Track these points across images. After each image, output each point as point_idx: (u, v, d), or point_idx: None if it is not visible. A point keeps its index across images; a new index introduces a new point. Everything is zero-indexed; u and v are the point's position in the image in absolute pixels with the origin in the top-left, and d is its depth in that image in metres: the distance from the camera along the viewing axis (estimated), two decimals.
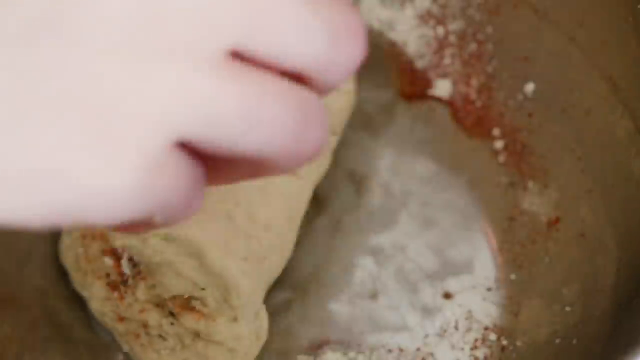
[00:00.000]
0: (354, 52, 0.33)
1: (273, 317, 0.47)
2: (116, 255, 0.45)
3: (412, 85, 0.53)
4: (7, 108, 0.27)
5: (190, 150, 0.30)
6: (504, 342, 0.47)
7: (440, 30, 0.53)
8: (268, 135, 0.30)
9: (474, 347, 0.47)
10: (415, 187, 0.51)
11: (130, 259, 0.45)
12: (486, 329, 0.48)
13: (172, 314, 0.45)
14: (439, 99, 0.53)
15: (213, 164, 0.31)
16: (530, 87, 0.51)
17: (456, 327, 0.48)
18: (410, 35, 0.54)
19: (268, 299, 0.47)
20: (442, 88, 0.53)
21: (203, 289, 0.44)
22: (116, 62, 0.27)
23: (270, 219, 0.46)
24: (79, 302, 0.47)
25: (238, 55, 0.30)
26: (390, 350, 0.47)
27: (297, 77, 0.32)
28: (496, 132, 0.51)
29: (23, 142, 0.27)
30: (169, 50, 0.28)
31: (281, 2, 0.30)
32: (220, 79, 0.29)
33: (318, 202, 0.50)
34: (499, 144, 0.51)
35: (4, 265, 0.48)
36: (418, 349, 0.47)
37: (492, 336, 0.47)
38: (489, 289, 0.49)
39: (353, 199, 0.51)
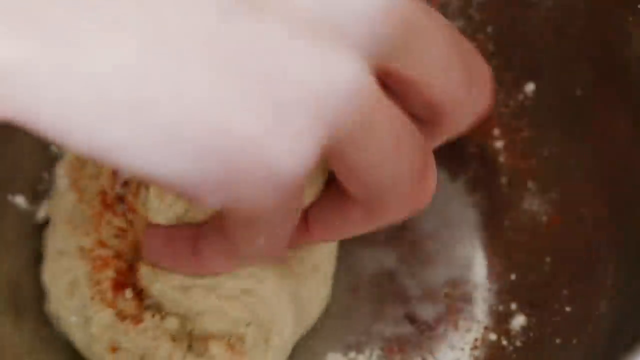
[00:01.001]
0: (484, 99, 0.37)
1: None
2: (139, 293, 0.42)
3: None
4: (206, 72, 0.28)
5: None
6: (504, 342, 0.47)
7: None
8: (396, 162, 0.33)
9: (474, 347, 0.47)
10: None
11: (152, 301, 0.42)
12: (486, 328, 0.48)
13: (189, 349, 0.42)
14: None
15: None
16: (530, 87, 0.51)
17: (456, 327, 0.48)
18: None
19: None
20: None
21: (248, 324, 0.42)
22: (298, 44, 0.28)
23: (317, 260, 0.45)
24: None
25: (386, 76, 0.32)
26: (390, 351, 0.47)
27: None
28: (496, 132, 0.51)
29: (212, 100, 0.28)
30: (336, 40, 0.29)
31: (434, 35, 0.33)
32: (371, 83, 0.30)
33: None
34: (499, 144, 0.51)
35: None
36: (418, 349, 0.47)
37: (492, 336, 0.47)
38: (488, 289, 0.49)
39: None
